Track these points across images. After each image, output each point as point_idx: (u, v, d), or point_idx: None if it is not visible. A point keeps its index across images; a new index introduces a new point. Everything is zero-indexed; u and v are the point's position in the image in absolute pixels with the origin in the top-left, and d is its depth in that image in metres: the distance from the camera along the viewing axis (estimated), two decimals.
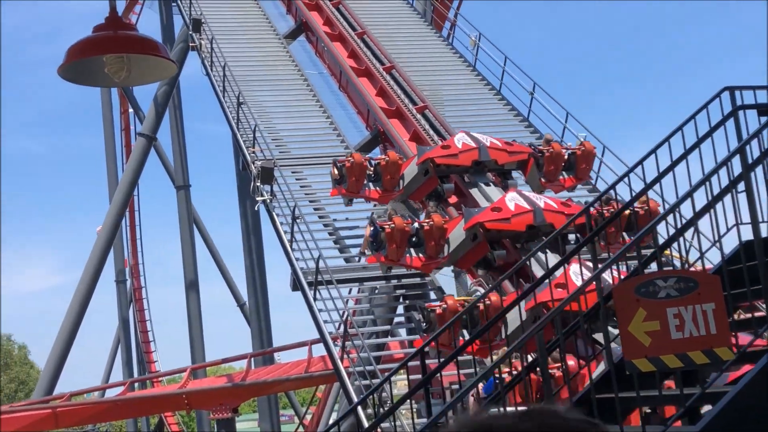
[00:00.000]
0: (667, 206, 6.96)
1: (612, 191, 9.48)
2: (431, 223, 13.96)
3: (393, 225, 13.72)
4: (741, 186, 6.44)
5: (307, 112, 20.58)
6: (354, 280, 16.83)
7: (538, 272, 12.36)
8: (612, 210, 13.78)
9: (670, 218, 6.95)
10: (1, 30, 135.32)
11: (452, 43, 23.91)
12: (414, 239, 13.91)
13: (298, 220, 15.56)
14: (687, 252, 7.20)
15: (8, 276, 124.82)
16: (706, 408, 6.25)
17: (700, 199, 6.54)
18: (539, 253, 11.75)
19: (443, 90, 20.99)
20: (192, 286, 36.56)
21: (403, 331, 19.64)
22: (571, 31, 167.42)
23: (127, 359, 47.80)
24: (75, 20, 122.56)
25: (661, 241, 7.18)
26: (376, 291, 18.13)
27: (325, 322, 14.47)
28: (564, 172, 16.24)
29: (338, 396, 34.83)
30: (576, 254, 8.54)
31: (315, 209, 17.83)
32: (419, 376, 9.49)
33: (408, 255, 13.69)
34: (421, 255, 13.74)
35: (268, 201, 16.71)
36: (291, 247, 15.65)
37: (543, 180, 15.93)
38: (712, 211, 6.49)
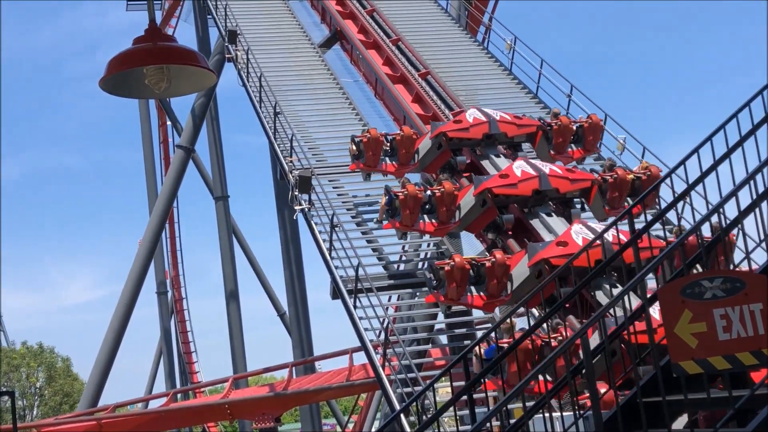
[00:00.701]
0: (710, 207, 6.85)
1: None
2: (442, 189, 14.65)
3: (406, 192, 14.59)
4: None
5: (344, 120, 20.64)
6: (394, 288, 16.80)
7: (543, 233, 13.51)
8: (615, 176, 15.07)
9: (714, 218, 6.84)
10: (37, 46, 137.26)
11: (488, 47, 23.85)
12: (427, 206, 14.73)
13: (336, 228, 15.59)
14: (731, 251, 7.09)
15: (52, 290, 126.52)
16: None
17: (745, 198, 6.44)
18: (545, 217, 13.65)
19: (479, 94, 20.94)
20: (232, 297, 36.76)
21: (443, 338, 19.58)
22: (610, 32, 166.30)
23: (169, 370, 48.15)
24: (114, 34, 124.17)
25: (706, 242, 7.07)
26: (416, 297, 18.09)
27: (366, 329, 14.46)
28: (572, 145, 17.02)
29: (380, 404, 34.81)
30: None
31: (353, 217, 17.84)
32: (462, 383, 9.43)
33: (421, 221, 14.32)
34: (433, 221, 14.41)
35: (307, 210, 16.75)
36: (330, 255, 15.68)
37: (552, 152, 16.55)
38: (756, 210, 6.39)
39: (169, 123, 49.59)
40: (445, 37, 24.26)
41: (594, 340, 9.98)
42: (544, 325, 13.02)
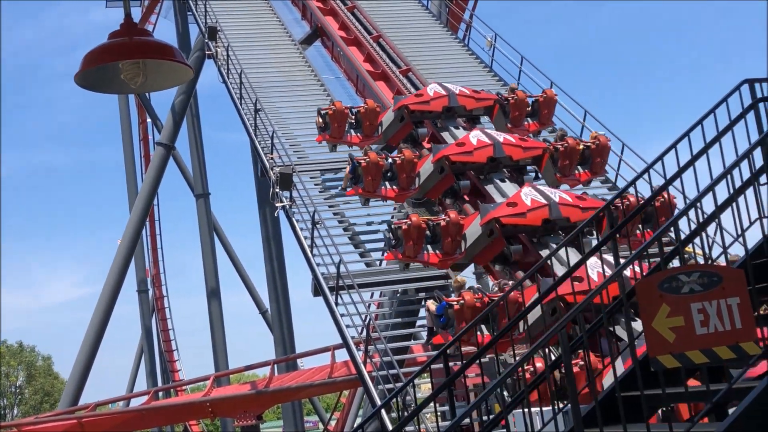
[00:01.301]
0: (688, 201, 6.88)
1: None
2: (402, 157, 15.52)
3: (368, 159, 15.41)
4: (763, 178, 6.36)
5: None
6: (375, 284, 16.79)
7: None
8: (566, 144, 15.90)
9: (692, 213, 6.87)
10: (18, 44, 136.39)
11: (468, 44, 23.89)
12: (389, 174, 15.45)
13: (318, 226, 15.57)
14: (710, 247, 7.13)
15: (32, 289, 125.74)
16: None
17: (722, 193, 6.48)
18: (499, 183, 13.70)
19: None
20: (214, 294, 36.66)
21: (425, 334, 19.61)
22: (587, 29, 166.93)
23: (150, 369, 47.96)
24: (95, 32, 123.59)
25: (682, 236, 7.11)
26: (398, 294, 18.09)
27: (348, 326, 14.44)
28: (528, 118, 17.90)
29: (362, 401, 34.83)
30: (597, 251, 8.47)
31: (334, 214, 17.83)
32: (443, 379, 9.44)
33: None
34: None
35: (288, 207, 16.72)
36: (311, 252, 15.66)
37: (509, 125, 17.19)
38: (734, 204, 6.42)
39: (149, 120, 49.32)
40: (426, 35, 24.28)
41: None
42: (493, 284, 13.50)
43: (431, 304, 13.27)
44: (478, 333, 13.00)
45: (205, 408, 26.78)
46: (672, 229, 6.58)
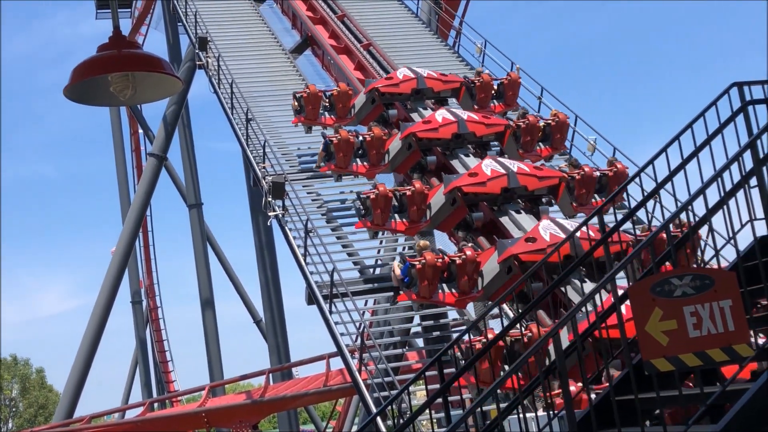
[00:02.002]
0: (679, 204, 6.90)
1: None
2: (372, 135, 16.40)
3: (339, 136, 16.33)
4: (753, 181, 6.38)
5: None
6: (369, 292, 16.77)
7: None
8: (528, 122, 16.96)
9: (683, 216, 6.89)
10: (9, 56, 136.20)
11: (458, 50, 23.92)
12: (359, 151, 16.35)
13: (311, 234, 15.56)
14: (702, 251, 7.15)
15: (24, 300, 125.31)
16: None
17: (713, 196, 6.49)
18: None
19: None
20: (208, 304, 36.61)
21: (420, 341, 19.58)
22: (578, 32, 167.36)
23: (145, 380, 47.88)
24: (85, 44, 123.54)
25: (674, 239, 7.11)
26: (392, 302, 18.08)
27: (342, 334, 14.41)
28: (495, 100, 19.01)
29: (358, 409, 34.79)
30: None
31: (327, 222, 17.81)
32: (438, 386, 9.43)
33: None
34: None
35: (281, 216, 16.71)
36: (305, 260, 15.64)
37: (476, 106, 18.22)
38: (725, 207, 6.44)
39: (140, 131, 49.32)
40: (416, 41, 24.33)
41: (563, 336, 10.18)
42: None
43: (396, 266, 13.85)
44: (440, 291, 13.45)
45: (200, 418, 26.72)
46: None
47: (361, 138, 16.46)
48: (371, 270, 18.01)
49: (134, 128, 51.04)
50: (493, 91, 18.86)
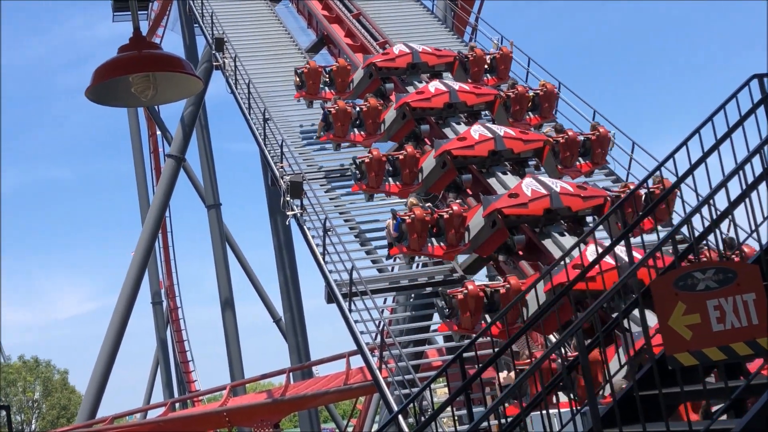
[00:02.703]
0: (701, 198, 6.86)
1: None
2: (368, 105, 17.12)
3: (337, 107, 17.25)
4: None
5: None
6: (388, 290, 16.79)
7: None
8: (516, 92, 17.24)
9: (705, 210, 6.84)
10: (27, 60, 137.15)
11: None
12: (357, 121, 16.80)
13: (329, 233, 15.57)
14: (724, 244, 7.10)
15: (46, 303, 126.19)
16: None
17: (735, 189, 6.45)
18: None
19: None
20: (227, 304, 36.72)
21: (440, 338, 19.57)
22: (595, 28, 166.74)
23: (166, 380, 48.07)
24: (102, 46, 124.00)
25: (696, 233, 7.07)
26: (411, 299, 18.09)
27: (362, 333, 14.42)
28: (488, 74, 19.62)
29: (379, 407, 34.80)
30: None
31: (345, 221, 17.83)
32: (459, 383, 9.42)
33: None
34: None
35: (299, 215, 16.74)
36: (324, 259, 15.65)
37: (469, 80, 18.60)
38: (747, 200, 6.40)
39: (158, 133, 49.51)
40: (432, 39, 24.24)
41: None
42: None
43: (390, 223, 14.39)
44: (429, 244, 13.80)
45: (222, 418, 26.79)
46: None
47: (358, 109, 17.34)
48: (390, 268, 18.02)
49: (152, 130, 51.25)
50: (486, 65, 19.58)
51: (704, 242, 9.38)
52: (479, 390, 12.51)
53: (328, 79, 19.35)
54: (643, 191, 14.29)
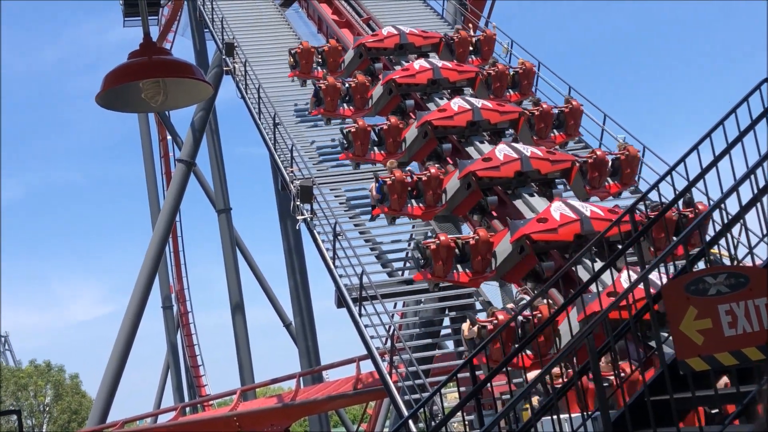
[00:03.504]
0: (712, 203, 6.83)
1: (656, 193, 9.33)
2: (356, 81, 18.09)
3: (327, 83, 18.04)
4: None
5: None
6: (398, 294, 16.76)
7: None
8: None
9: (716, 215, 6.82)
10: (39, 65, 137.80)
11: None
12: (346, 97, 17.45)
13: (339, 237, 15.57)
14: (735, 248, 7.07)
15: (58, 307, 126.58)
16: None
17: (746, 193, 6.42)
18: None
19: None
20: (238, 309, 36.75)
21: (450, 343, 19.53)
22: (603, 31, 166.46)
23: (177, 384, 48.10)
24: (114, 51, 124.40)
25: (707, 238, 7.06)
26: (422, 304, 18.06)
27: (372, 337, 14.40)
28: (472, 55, 20.64)
29: (389, 411, 34.76)
30: (620, 256, 8.41)
31: (355, 225, 17.83)
32: (470, 388, 9.40)
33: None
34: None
35: (309, 219, 16.73)
36: (334, 264, 15.65)
37: (454, 61, 19.49)
38: (758, 204, 6.37)
39: (169, 137, 49.61)
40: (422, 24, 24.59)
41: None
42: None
43: (372, 186, 15.29)
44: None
45: (232, 422, 26.83)
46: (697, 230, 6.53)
47: (347, 85, 18.41)
48: (400, 272, 18.00)
49: (163, 135, 51.38)
50: (470, 47, 20.60)
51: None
52: (490, 395, 12.46)
53: (320, 59, 20.46)
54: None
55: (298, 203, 16.87)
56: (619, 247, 12.67)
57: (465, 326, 12.82)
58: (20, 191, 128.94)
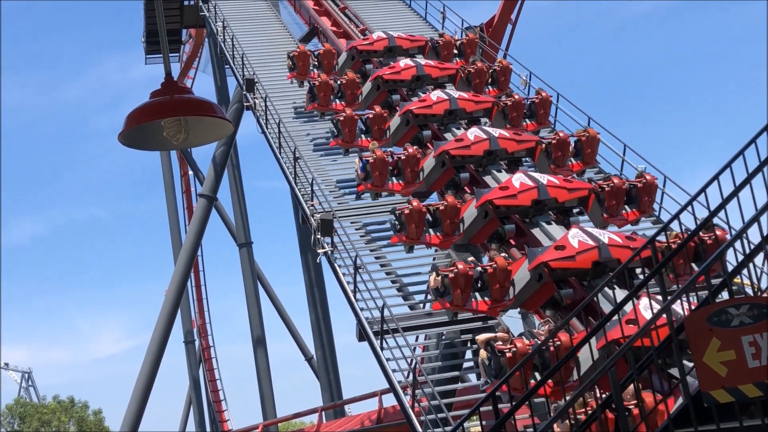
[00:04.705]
0: (734, 233, 6.80)
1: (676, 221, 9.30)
2: (347, 78, 20.30)
3: (320, 79, 20.62)
4: None
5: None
6: (420, 327, 16.68)
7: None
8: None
9: (738, 244, 6.79)
10: (63, 102, 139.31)
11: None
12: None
13: (360, 270, 15.55)
14: (758, 278, 7.02)
15: (81, 343, 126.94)
16: None
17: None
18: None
19: None
20: (259, 343, 36.72)
21: (473, 376, 19.41)
22: (622, 59, 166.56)
23: (199, 419, 48.00)
24: (136, 88, 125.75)
25: (729, 268, 7.01)
26: (443, 337, 17.98)
27: (394, 371, 14.31)
28: (457, 57, 22.32)
29: None
30: (644, 288, 8.36)
31: (376, 258, 17.81)
32: (493, 421, 9.33)
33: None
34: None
35: (330, 253, 16.74)
36: (355, 297, 15.61)
37: (438, 61, 20.91)
38: None
39: (191, 172, 49.99)
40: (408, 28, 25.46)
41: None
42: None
43: (357, 164, 16.95)
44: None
45: None
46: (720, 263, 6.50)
47: (339, 82, 20.44)
48: (422, 305, 17.95)
49: (184, 170, 51.75)
50: (455, 50, 22.35)
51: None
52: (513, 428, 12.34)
53: (316, 62, 22.12)
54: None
55: (318, 236, 16.90)
56: (638, 271, 12.80)
57: (431, 278, 13.48)
58: (44, 228, 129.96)
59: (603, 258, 12.74)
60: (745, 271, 6.99)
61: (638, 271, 12.67)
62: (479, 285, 14.03)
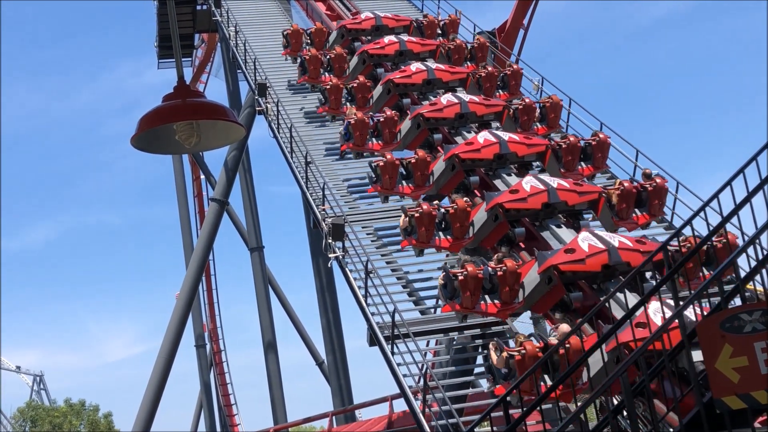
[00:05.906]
0: (746, 238, 6.77)
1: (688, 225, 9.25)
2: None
3: (310, 54, 22.18)
4: None
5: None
6: (431, 332, 16.66)
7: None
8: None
9: (750, 250, 6.76)
10: (77, 108, 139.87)
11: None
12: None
13: (371, 275, 15.54)
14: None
15: (93, 347, 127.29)
16: None
17: None
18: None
19: None
20: (270, 347, 36.72)
21: (484, 381, 19.35)
22: (635, 64, 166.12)
23: (210, 423, 48.04)
24: (149, 93, 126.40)
25: (742, 274, 6.98)
26: (454, 342, 17.94)
27: (405, 376, 14.29)
28: (440, 37, 23.46)
29: None
30: (656, 292, 8.33)
31: (387, 262, 17.80)
32: (504, 427, 9.30)
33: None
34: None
35: (341, 257, 16.73)
36: (366, 302, 15.60)
37: (422, 38, 22.58)
38: None
39: (202, 177, 50.08)
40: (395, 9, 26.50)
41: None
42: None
43: (340, 134, 18.29)
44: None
45: None
46: (731, 267, 6.47)
47: (328, 56, 22.01)
48: (432, 310, 17.92)
49: (196, 174, 51.87)
50: (438, 30, 23.74)
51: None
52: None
53: (309, 40, 23.56)
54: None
55: (329, 241, 16.90)
56: (648, 275, 12.82)
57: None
58: (56, 233, 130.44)
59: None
60: (757, 278, 6.95)
61: (648, 274, 12.76)
62: (443, 225, 15.21)
